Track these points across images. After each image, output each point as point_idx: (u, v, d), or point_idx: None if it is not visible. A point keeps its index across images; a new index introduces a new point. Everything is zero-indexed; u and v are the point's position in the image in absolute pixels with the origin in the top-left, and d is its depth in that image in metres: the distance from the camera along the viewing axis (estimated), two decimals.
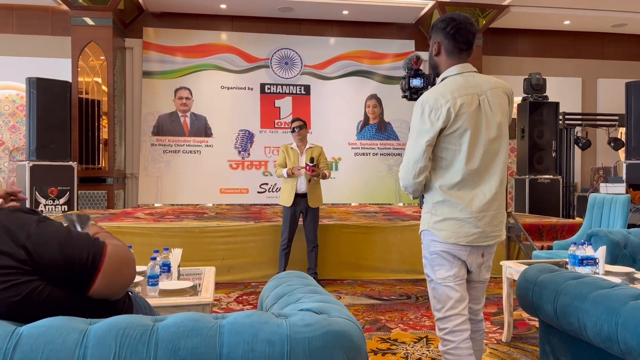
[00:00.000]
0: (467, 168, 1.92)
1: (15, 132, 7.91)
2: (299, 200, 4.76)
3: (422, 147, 1.92)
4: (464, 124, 1.90)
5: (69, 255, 1.22)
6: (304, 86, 8.69)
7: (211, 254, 4.91)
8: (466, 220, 1.93)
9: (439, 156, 1.96)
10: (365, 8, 8.22)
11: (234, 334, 1.12)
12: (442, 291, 2.00)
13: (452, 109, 1.89)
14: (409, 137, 2.01)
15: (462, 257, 1.98)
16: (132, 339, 1.09)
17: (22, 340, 1.08)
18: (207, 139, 8.39)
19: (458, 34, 1.98)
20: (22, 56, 7.80)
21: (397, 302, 4.25)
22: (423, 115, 1.93)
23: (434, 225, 1.98)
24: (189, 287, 2.59)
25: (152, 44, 8.32)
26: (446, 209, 1.95)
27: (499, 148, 1.97)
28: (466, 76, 1.99)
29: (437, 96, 1.92)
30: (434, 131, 1.90)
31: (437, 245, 1.98)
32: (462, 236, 1.94)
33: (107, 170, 7.54)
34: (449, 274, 1.98)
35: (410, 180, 1.98)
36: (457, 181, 1.94)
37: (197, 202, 8.18)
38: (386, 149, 8.81)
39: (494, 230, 1.99)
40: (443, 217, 1.95)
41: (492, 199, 1.95)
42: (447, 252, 1.97)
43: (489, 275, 2.13)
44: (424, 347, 3.11)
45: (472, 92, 1.94)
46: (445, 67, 2.03)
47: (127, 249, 1.37)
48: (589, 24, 8.97)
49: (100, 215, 6.00)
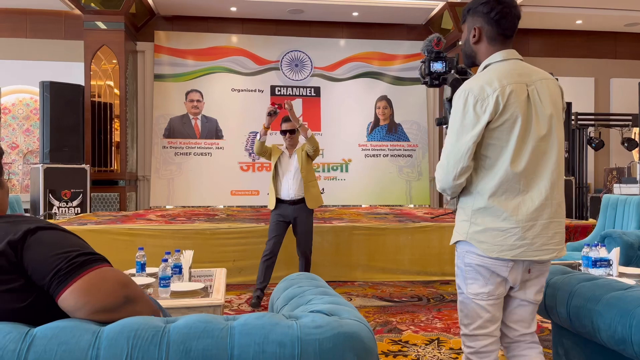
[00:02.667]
0: (512, 170, 1.67)
1: (29, 135, 8.01)
2: (285, 208, 4.21)
3: (466, 144, 1.66)
4: (513, 115, 1.66)
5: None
6: (314, 88, 8.70)
7: (222, 255, 4.93)
8: (510, 231, 1.67)
9: (481, 154, 1.70)
10: (375, 9, 8.22)
11: (245, 336, 1.13)
12: (472, 308, 1.78)
13: (500, 97, 1.64)
14: (447, 133, 1.75)
15: (501, 274, 1.72)
16: (144, 340, 1.10)
17: (35, 341, 1.09)
18: (218, 141, 8.43)
19: (504, 20, 1.74)
20: (36, 60, 7.90)
21: (408, 304, 4.23)
22: (466, 107, 1.67)
23: (474, 236, 1.72)
24: (200, 288, 2.60)
25: (163, 47, 8.38)
26: (487, 217, 1.70)
27: (549, 147, 1.71)
28: (512, 63, 1.75)
29: (482, 84, 1.67)
30: (480, 126, 1.65)
31: (473, 258, 1.74)
32: (505, 249, 1.67)
33: (120, 172, 7.61)
34: (482, 291, 1.75)
35: (450, 182, 1.72)
36: (500, 185, 1.68)
37: (208, 204, 8.22)
38: (397, 150, 8.79)
39: (548, 243, 1.70)
40: (484, 227, 1.70)
41: (542, 206, 1.69)
42: (484, 266, 1.73)
43: (541, 296, 1.83)
44: (435, 349, 3.10)
45: (521, 80, 1.70)
46: (485, 56, 1.79)
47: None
48: (601, 24, 8.88)
49: (113, 217, 6.05)
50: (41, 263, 1.16)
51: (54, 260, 1.16)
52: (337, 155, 8.63)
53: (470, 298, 1.78)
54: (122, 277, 1.24)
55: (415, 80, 8.87)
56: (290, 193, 4.20)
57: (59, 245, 1.19)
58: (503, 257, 1.68)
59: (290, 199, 4.20)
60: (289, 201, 4.20)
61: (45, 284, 1.15)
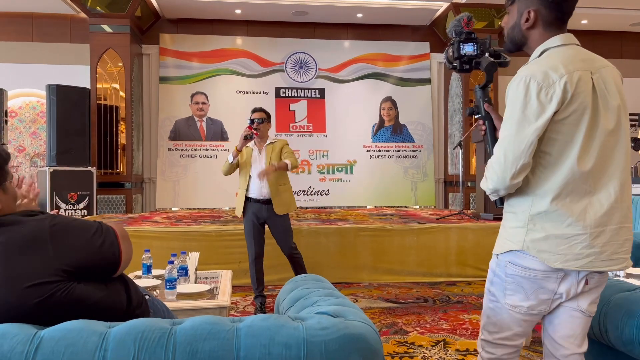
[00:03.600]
0: (579, 168, 1.48)
1: (36, 138, 8.05)
2: (257, 208, 3.95)
3: (528, 138, 1.47)
4: (581, 105, 1.48)
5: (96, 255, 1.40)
6: (319, 90, 8.71)
7: (228, 257, 4.93)
8: (576, 238, 1.48)
9: (541, 150, 1.51)
10: (380, 11, 8.21)
11: (251, 337, 1.13)
12: (505, 318, 1.62)
13: (568, 84, 1.46)
14: (504, 125, 1.54)
15: (549, 286, 1.54)
16: (150, 342, 1.11)
17: (43, 343, 1.10)
18: (223, 143, 8.45)
19: (565, 2, 1.58)
20: (42, 64, 7.94)
21: (414, 305, 4.22)
22: (529, 95, 1.47)
23: (533, 244, 1.51)
24: (206, 290, 2.61)
25: (168, 49, 8.41)
26: (549, 223, 1.50)
27: (617, 142, 1.53)
28: (573, 48, 1.57)
29: (547, 70, 1.48)
30: (545, 116, 1.46)
31: (518, 271, 1.56)
32: (570, 259, 1.48)
33: (126, 175, 7.64)
34: (522, 304, 1.58)
35: (506, 181, 1.51)
36: (565, 185, 1.49)
37: (214, 206, 8.24)
38: (402, 152, 8.78)
39: (618, 251, 1.53)
40: (545, 234, 1.50)
41: (611, 209, 1.50)
42: (529, 279, 1.55)
43: (595, 309, 1.62)
44: (442, 350, 3.09)
45: (585, 67, 1.52)
46: (538, 42, 1.60)
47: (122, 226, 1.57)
48: (607, 23, 8.84)
49: (119, 219, 6.07)
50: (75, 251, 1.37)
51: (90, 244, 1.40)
52: (342, 156, 8.63)
53: (506, 308, 1.61)
54: (114, 224, 1.50)
55: (420, 81, 8.86)
56: (263, 191, 3.93)
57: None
58: (568, 267, 1.49)
59: (263, 198, 3.94)
60: (262, 200, 3.94)
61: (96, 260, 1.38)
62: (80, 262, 1.31)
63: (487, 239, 5.27)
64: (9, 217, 1.33)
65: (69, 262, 1.28)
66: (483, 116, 1.70)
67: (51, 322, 1.17)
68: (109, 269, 1.41)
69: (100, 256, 1.37)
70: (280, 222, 3.99)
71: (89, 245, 1.35)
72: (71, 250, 1.31)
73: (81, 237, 1.35)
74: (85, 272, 1.32)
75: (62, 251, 1.29)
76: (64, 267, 1.27)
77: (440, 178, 8.94)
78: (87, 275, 1.33)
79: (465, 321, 3.72)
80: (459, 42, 1.81)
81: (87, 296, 1.31)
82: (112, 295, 1.40)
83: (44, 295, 1.22)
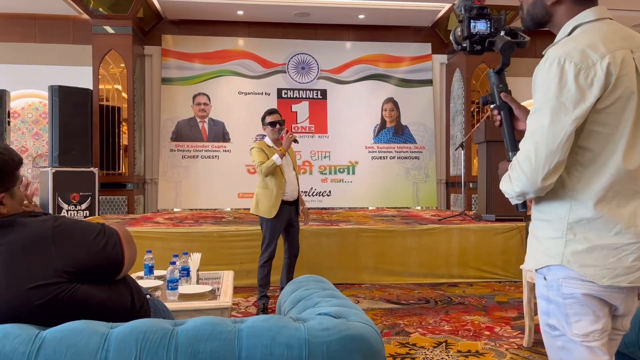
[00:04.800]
0: (625, 167, 1.26)
1: (38, 139, 8.07)
2: (288, 209, 4.00)
3: (565, 129, 1.23)
4: (627, 91, 1.25)
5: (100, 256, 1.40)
6: (321, 90, 8.71)
7: (230, 258, 4.93)
8: (627, 248, 1.25)
9: (578, 146, 1.28)
10: (381, 12, 8.21)
11: (253, 338, 1.13)
12: (582, 354, 1.31)
13: (612, 66, 1.23)
14: (533, 114, 1.30)
15: (614, 302, 1.30)
16: (152, 342, 1.11)
17: (45, 343, 1.10)
18: (225, 144, 8.45)
19: None
20: (45, 65, 7.96)
21: (416, 307, 4.22)
22: (564, 78, 1.23)
23: (575, 257, 1.28)
24: (208, 291, 2.61)
25: (170, 50, 8.42)
26: (593, 232, 1.27)
27: None
28: (609, 23, 1.33)
29: (584, 48, 1.24)
30: (586, 104, 1.23)
31: (578, 286, 1.29)
32: (621, 274, 1.25)
33: (127, 175, 7.65)
34: (594, 329, 1.29)
35: (537, 183, 1.27)
36: (611, 187, 1.27)
37: (216, 207, 8.24)
38: (403, 153, 8.77)
39: None
40: (589, 245, 1.27)
41: None
42: (595, 295, 1.28)
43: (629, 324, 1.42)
44: (443, 351, 3.09)
45: (626, 45, 1.28)
46: (565, 18, 1.36)
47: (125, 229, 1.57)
48: None
49: (121, 220, 6.08)
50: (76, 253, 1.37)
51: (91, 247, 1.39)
52: (343, 157, 8.63)
53: (577, 341, 1.30)
54: (117, 225, 1.51)
55: (422, 82, 8.86)
56: (295, 193, 4.03)
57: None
58: (617, 284, 1.25)
59: (293, 200, 4.04)
60: (292, 202, 4.03)
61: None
62: (83, 264, 1.31)
63: (488, 240, 5.26)
64: (12, 219, 1.34)
65: (71, 263, 1.29)
66: (498, 105, 1.50)
67: (55, 323, 1.17)
68: (111, 271, 1.41)
69: (103, 258, 1.37)
70: (298, 222, 4.16)
71: (91, 246, 1.35)
72: (74, 251, 1.31)
73: (84, 239, 1.35)
74: (88, 273, 1.32)
75: (64, 253, 1.29)
76: (67, 268, 1.27)
77: (442, 179, 8.94)
78: (90, 276, 1.33)
79: (467, 322, 3.72)
80: (469, 19, 1.55)
81: (91, 297, 1.31)
82: (115, 297, 1.41)
83: (47, 297, 1.23)
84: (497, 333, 3.46)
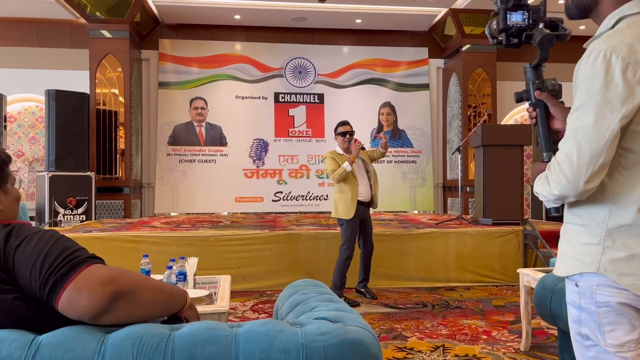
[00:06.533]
0: None
1: (35, 143, 8.05)
2: (363, 209, 4.45)
3: (611, 129, 1.15)
4: None
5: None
6: (318, 95, 8.73)
7: (227, 262, 4.92)
8: None
9: (621, 147, 1.20)
10: (378, 16, 8.24)
11: (250, 343, 1.13)
12: None
13: None
14: (573, 114, 1.23)
15: None
16: (149, 347, 1.10)
17: (41, 348, 1.09)
18: (222, 148, 8.45)
19: None
20: (42, 69, 7.95)
21: (413, 311, 4.21)
22: (611, 73, 1.16)
23: (613, 265, 1.20)
24: (204, 295, 2.60)
25: (167, 55, 8.43)
26: (633, 239, 1.19)
27: None
28: None
29: (631, 42, 1.17)
30: (634, 102, 1.15)
31: (613, 294, 1.22)
32: None
33: (124, 180, 7.64)
34: (629, 339, 1.22)
35: (580, 186, 1.19)
36: None
37: (213, 211, 8.24)
38: (400, 157, 8.79)
39: None
40: (629, 254, 1.19)
41: None
42: (630, 305, 1.21)
43: None
44: (441, 355, 3.08)
45: None
46: (612, 7, 1.28)
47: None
48: None
49: (118, 224, 6.07)
50: (27, 280, 1.15)
51: (35, 275, 1.13)
52: None
53: (611, 352, 1.23)
54: (105, 274, 1.14)
55: (418, 87, 8.88)
56: (368, 194, 4.48)
57: (39, 257, 1.16)
58: None
59: (367, 200, 4.48)
60: (366, 202, 4.47)
61: (39, 296, 1.15)
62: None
63: (486, 244, 5.27)
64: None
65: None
66: (534, 102, 1.43)
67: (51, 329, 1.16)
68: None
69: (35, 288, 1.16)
70: (371, 221, 4.59)
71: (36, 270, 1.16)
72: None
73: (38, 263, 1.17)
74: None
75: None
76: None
77: (439, 183, 8.95)
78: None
79: (465, 326, 3.72)
80: (505, 10, 1.46)
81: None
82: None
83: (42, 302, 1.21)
84: (495, 337, 3.46)
